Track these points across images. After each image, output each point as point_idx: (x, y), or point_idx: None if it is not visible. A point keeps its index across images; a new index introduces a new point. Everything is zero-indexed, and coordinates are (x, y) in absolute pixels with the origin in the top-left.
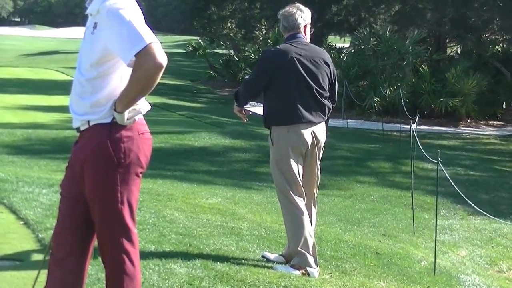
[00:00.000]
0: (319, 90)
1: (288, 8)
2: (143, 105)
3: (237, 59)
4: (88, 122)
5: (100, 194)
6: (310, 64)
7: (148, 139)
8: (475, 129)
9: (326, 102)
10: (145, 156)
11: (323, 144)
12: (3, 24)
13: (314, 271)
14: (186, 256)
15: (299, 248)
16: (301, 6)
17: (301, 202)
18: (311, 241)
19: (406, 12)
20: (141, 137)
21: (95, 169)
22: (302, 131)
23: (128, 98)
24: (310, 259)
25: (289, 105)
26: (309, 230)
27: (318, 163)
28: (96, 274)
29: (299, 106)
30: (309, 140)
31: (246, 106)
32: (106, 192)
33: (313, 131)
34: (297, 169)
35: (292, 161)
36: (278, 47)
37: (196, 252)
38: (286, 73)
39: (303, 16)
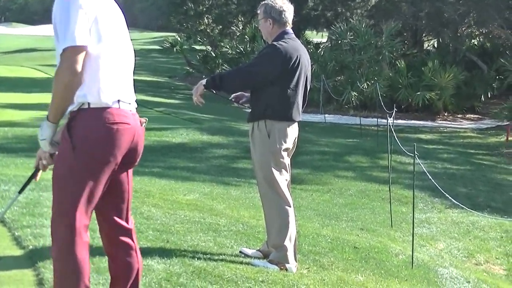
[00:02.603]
0: (308, 89)
1: (278, 0)
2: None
3: (214, 55)
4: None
5: (55, 174)
6: (307, 63)
7: (118, 129)
8: (452, 123)
9: None
10: (111, 146)
11: None
12: None
13: (292, 266)
14: (163, 252)
15: (284, 243)
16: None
17: (289, 196)
18: (294, 235)
19: (382, 6)
20: (108, 127)
21: (59, 151)
22: (296, 127)
23: (51, 102)
24: (290, 254)
25: (293, 102)
26: (294, 223)
27: None
28: None
29: (299, 104)
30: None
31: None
32: (61, 174)
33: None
34: (287, 163)
35: (285, 155)
36: (285, 42)
37: (173, 248)
38: (295, 71)
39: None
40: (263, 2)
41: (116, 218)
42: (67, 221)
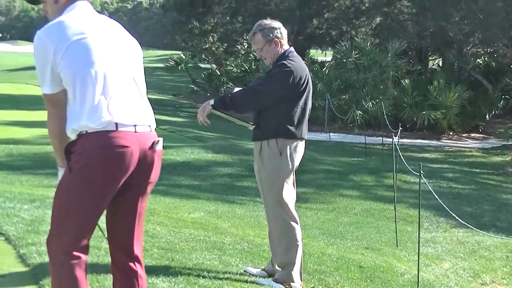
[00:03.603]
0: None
1: (270, 19)
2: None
3: (219, 73)
4: None
5: (55, 196)
6: (311, 82)
7: (112, 152)
8: (457, 142)
9: None
10: (105, 169)
11: None
12: None
13: (298, 285)
14: (168, 270)
15: (291, 261)
16: None
17: (296, 214)
18: (301, 253)
19: (387, 25)
20: (101, 150)
21: None
22: (304, 145)
23: (53, 148)
24: (296, 273)
25: (303, 120)
26: (301, 242)
27: None
28: None
29: (306, 122)
30: None
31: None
32: (60, 195)
33: None
34: (294, 180)
35: (294, 173)
36: (293, 61)
37: (178, 267)
38: (305, 89)
39: None
40: (254, 30)
41: (124, 241)
42: (61, 243)
